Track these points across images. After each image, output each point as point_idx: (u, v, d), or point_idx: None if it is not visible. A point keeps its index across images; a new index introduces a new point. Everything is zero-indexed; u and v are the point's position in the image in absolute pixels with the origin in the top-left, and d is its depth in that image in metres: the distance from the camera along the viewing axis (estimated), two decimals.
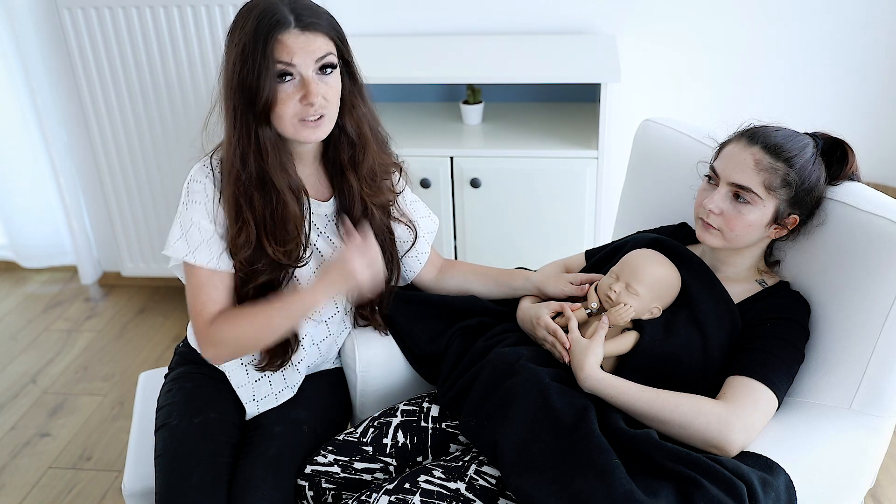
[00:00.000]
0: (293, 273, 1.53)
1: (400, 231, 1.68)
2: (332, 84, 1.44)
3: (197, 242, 1.48)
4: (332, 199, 1.59)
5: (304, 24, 1.39)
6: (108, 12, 2.66)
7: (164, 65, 2.73)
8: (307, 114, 1.41)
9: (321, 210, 1.57)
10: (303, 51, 1.38)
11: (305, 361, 1.64)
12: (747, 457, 1.32)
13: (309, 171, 1.57)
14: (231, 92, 1.41)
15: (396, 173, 1.66)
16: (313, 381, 1.69)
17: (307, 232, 1.53)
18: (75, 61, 2.75)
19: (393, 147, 1.66)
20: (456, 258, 2.60)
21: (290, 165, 1.48)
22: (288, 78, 1.39)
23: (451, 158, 2.43)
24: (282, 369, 1.61)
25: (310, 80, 1.40)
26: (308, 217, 1.52)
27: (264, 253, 1.48)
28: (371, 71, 2.42)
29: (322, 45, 1.41)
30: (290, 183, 1.47)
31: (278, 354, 1.58)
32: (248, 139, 1.43)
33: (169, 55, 2.71)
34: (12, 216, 3.26)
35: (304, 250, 1.52)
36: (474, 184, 2.44)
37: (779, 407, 1.38)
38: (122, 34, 2.69)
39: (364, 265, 1.43)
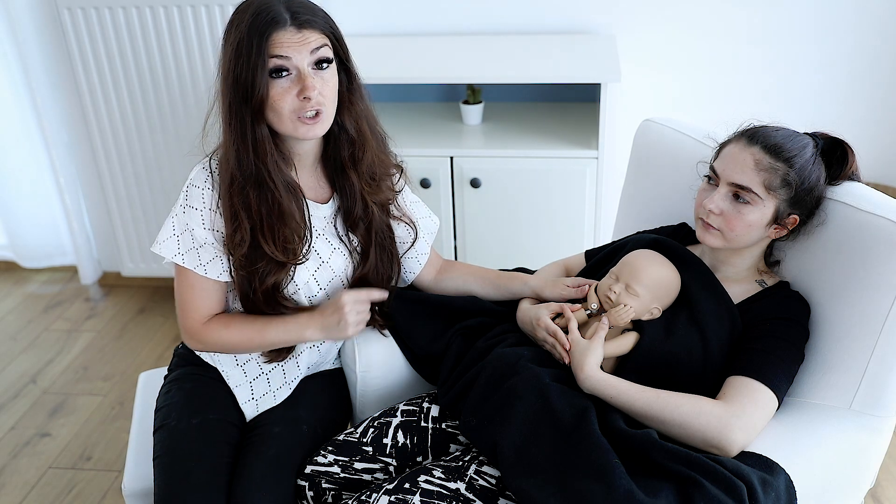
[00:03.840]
0: (293, 275, 1.53)
1: (400, 230, 1.67)
2: (328, 79, 1.43)
3: (188, 247, 1.49)
4: (331, 202, 1.59)
5: (300, 21, 1.39)
6: (108, 12, 2.66)
7: (164, 65, 2.73)
8: (304, 109, 1.41)
9: (320, 212, 1.57)
10: (298, 45, 1.38)
11: (305, 358, 1.65)
12: (747, 457, 1.32)
13: (308, 174, 1.57)
14: (227, 89, 1.42)
15: (396, 174, 1.65)
16: (313, 381, 1.69)
17: (309, 226, 1.52)
18: (75, 61, 2.75)
19: (392, 147, 1.65)
20: (456, 258, 2.59)
21: (284, 164, 1.48)
22: (284, 73, 1.39)
23: (451, 158, 2.43)
24: (282, 364, 1.62)
25: (306, 75, 1.39)
26: (307, 216, 1.52)
27: (262, 252, 1.47)
28: (371, 71, 2.44)
29: (317, 39, 1.41)
30: (285, 180, 1.47)
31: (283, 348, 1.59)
32: (242, 136, 1.42)
33: (169, 55, 2.71)
34: (12, 216, 3.26)
35: (305, 246, 1.52)
36: (474, 184, 2.44)
37: (779, 407, 1.38)
38: (122, 34, 2.69)
39: (354, 308, 1.50)
